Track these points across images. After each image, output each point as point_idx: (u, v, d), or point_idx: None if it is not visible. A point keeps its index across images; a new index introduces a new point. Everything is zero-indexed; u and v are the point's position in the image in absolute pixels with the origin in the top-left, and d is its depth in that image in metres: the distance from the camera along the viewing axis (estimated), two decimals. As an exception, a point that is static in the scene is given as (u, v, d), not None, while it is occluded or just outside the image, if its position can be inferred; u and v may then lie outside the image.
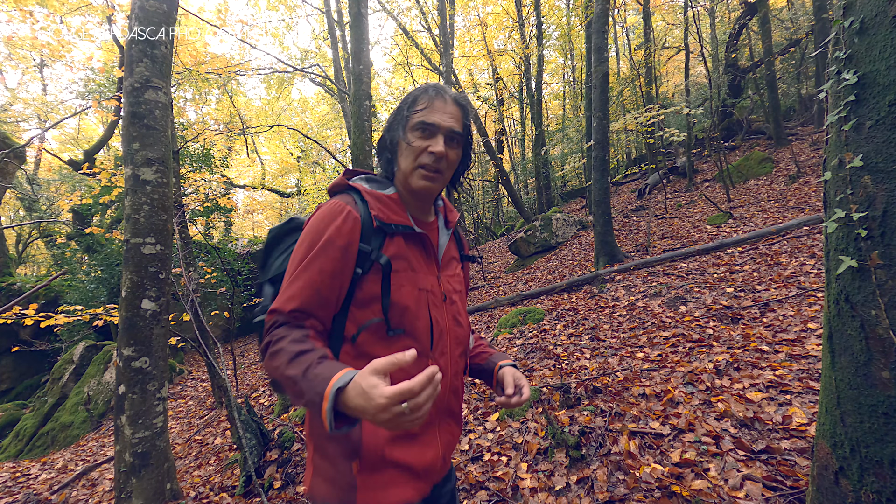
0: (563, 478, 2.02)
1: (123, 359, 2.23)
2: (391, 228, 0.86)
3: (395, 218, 0.87)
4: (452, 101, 0.89)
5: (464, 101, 0.91)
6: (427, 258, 0.92)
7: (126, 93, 2.35)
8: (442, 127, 0.86)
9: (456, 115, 0.89)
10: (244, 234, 21.28)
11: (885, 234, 0.96)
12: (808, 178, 6.92)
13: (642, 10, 11.98)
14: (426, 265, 0.91)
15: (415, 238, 0.91)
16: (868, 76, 0.99)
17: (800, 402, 2.03)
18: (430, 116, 0.86)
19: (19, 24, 8.24)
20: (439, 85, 0.91)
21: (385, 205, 0.88)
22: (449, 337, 0.91)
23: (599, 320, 3.99)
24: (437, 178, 0.88)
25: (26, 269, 15.23)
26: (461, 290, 1.00)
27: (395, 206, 0.89)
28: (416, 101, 0.89)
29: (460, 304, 0.97)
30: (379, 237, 0.86)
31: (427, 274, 0.90)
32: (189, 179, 7.80)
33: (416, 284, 0.87)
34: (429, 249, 0.92)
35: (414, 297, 0.86)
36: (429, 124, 0.86)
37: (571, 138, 15.15)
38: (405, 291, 0.84)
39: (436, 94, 0.88)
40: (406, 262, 0.87)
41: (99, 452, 4.71)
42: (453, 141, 0.89)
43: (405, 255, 0.87)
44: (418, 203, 0.94)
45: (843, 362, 1.08)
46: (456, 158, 0.91)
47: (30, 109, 13.32)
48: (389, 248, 0.86)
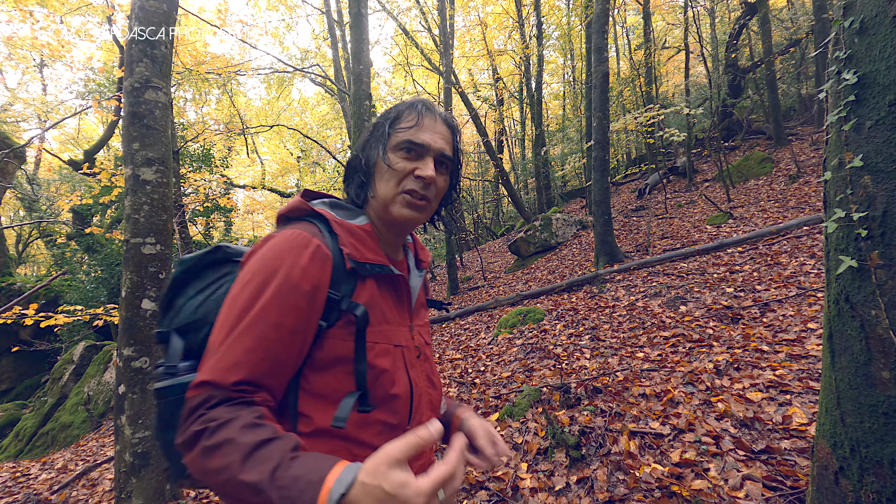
0: (563, 478, 2.02)
1: (123, 359, 2.23)
2: (365, 269, 0.69)
3: (370, 256, 0.70)
4: (443, 120, 0.78)
5: (453, 122, 0.80)
6: (399, 306, 0.76)
7: (126, 93, 2.35)
8: (432, 148, 0.74)
9: (447, 137, 0.77)
10: (244, 234, 21.29)
11: (885, 234, 0.96)
12: (808, 178, 6.92)
13: (642, 10, 11.98)
14: (399, 314, 0.75)
15: (388, 282, 0.74)
16: (868, 76, 0.99)
17: (800, 402, 2.03)
18: (419, 135, 0.73)
19: (19, 24, 8.23)
20: (428, 101, 0.79)
21: (359, 239, 0.71)
22: (425, 403, 0.75)
23: (599, 320, 3.99)
24: (423, 206, 0.74)
25: (26, 269, 15.23)
26: (430, 342, 0.84)
27: (370, 240, 0.73)
28: (400, 116, 0.76)
29: (433, 360, 0.81)
30: (351, 281, 0.68)
31: (400, 325, 0.74)
32: (189, 179, 7.81)
33: (391, 340, 0.70)
34: (402, 295, 0.77)
35: (391, 357, 0.69)
36: (417, 144, 0.73)
37: (571, 138, 15.16)
38: (380, 350, 0.67)
39: (425, 111, 0.76)
40: (380, 313, 0.70)
41: (99, 452, 4.71)
42: (443, 166, 0.77)
43: (378, 303, 0.70)
44: (393, 237, 0.79)
45: (843, 362, 1.08)
46: (444, 186, 0.78)
47: (30, 109, 13.32)
48: (362, 295, 0.68)
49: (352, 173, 0.79)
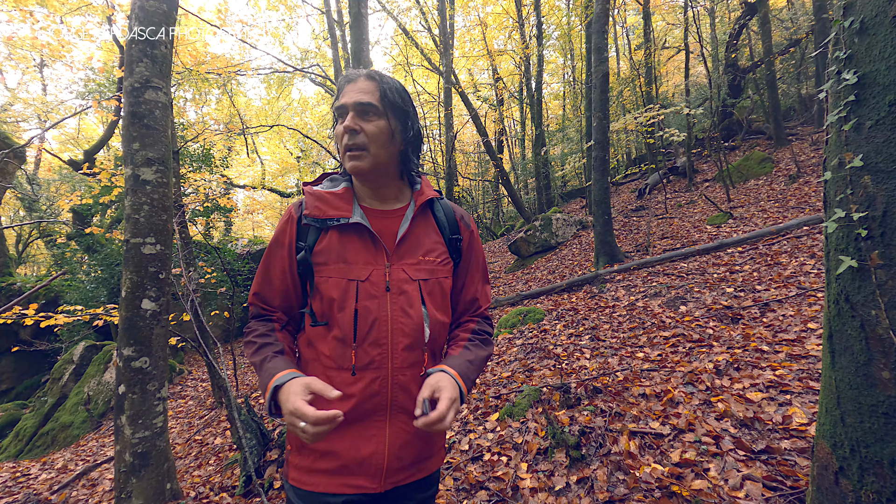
0: (563, 478, 2.02)
1: (123, 359, 2.23)
2: (323, 223, 0.90)
3: (332, 212, 0.90)
4: (364, 77, 0.89)
5: (373, 73, 0.90)
6: (370, 248, 0.90)
7: (126, 93, 2.35)
8: (349, 104, 0.86)
9: (366, 89, 0.87)
10: (244, 234, 21.29)
11: (885, 234, 0.96)
12: (808, 178, 6.92)
13: (642, 10, 11.97)
14: (368, 255, 0.89)
15: (353, 229, 0.90)
16: (868, 76, 0.99)
17: (800, 402, 2.03)
18: (339, 101, 0.88)
19: (19, 24, 8.24)
20: (351, 71, 0.92)
21: (323, 201, 0.91)
22: (389, 328, 0.87)
23: (599, 320, 3.99)
24: (360, 155, 0.87)
25: (26, 269, 15.23)
26: (428, 277, 0.93)
27: (337, 200, 0.92)
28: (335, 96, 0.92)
29: (414, 294, 0.90)
30: (314, 234, 0.91)
31: (367, 264, 0.89)
32: (189, 179, 7.79)
33: (346, 276, 0.87)
34: (373, 239, 0.90)
35: (341, 288, 0.87)
36: (339, 108, 0.88)
37: (571, 138, 15.15)
38: (332, 283, 0.87)
39: (345, 81, 0.90)
40: (337, 255, 0.88)
41: (99, 452, 4.71)
42: (368, 113, 0.87)
43: (337, 247, 0.89)
44: (369, 189, 0.94)
45: (843, 362, 1.08)
46: (377, 130, 0.87)
47: (30, 109, 13.31)
48: (321, 243, 0.90)
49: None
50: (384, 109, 0.88)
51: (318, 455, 0.87)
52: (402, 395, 0.88)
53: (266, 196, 21.49)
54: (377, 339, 0.86)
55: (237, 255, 10.04)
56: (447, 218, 1.00)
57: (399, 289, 0.89)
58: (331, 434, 0.83)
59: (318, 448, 0.87)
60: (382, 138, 0.88)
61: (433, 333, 0.92)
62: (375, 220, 0.93)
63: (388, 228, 0.93)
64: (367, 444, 0.86)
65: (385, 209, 0.95)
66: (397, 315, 0.88)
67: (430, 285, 0.93)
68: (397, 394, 0.87)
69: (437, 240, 0.97)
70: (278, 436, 3.05)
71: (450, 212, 1.02)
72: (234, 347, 7.59)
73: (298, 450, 0.90)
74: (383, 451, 0.86)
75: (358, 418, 0.86)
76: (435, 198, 0.99)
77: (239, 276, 9.01)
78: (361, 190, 0.95)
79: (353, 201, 0.94)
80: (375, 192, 0.95)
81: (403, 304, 0.89)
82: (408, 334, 0.88)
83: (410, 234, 0.94)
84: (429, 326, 0.91)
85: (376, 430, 0.87)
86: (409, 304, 0.89)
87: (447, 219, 1.00)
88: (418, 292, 0.91)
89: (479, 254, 1.05)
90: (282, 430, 3.11)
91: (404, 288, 0.90)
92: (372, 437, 0.86)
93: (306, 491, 0.87)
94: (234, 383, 5.75)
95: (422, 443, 0.91)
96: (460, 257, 1.01)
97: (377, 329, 0.86)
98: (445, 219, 1.00)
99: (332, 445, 0.86)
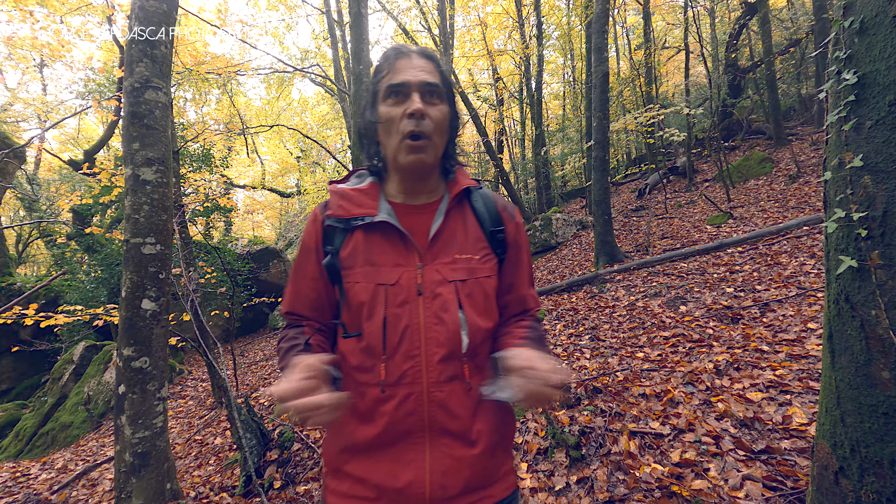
0: (563, 478, 2.02)
1: (123, 359, 2.23)
2: (348, 224, 0.81)
3: (356, 211, 0.81)
4: (418, 54, 0.80)
5: (429, 52, 0.82)
6: (399, 248, 0.80)
7: (126, 93, 2.35)
8: (413, 83, 0.76)
9: (426, 67, 0.78)
10: (244, 234, 21.28)
11: (885, 234, 0.96)
12: (808, 178, 6.92)
13: (642, 10, 11.98)
14: (397, 256, 0.80)
15: (379, 228, 0.81)
16: (868, 76, 0.99)
17: (800, 402, 2.03)
18: (396, 77, 0.77)
19: (19, 24, 8.24)
20: (400, 45, 0.81)
21: (347, 199, 0.83)
22: (422, 338, 0.76)
23: (599, 320, 3.99)
24: (424, 146, 0.76)
25: (26, 269, 15.23)
26: (466, 278, 0.81)
27: (362, 197, 0.83)
28: (379, 70, 0.80)
29: (449, 297, 0.78)
30: (340, 235, 0.82)
31: (396, 266, 0.79)
32: (189, 179, 7.80)
33: (373, 280, 0.78)
34: (402, 238, 0.80)
35: (368, 294, 0.77)
36: (397, 85, 0.76)
37: (571, 138, 15.14)
38: (359, 289, 0.78)
39: (396, 55, 0.79)
40: (364, 257, 0.79)
41: (99, 452, 4.71)
42: (433, 95, 0.77)
43: (363, 249, 0.80)
44: (413, 183, 0.83)
45: (843, 362, 1.08)
46: (441, 116, 0.78)
47: (30, 109, 13.32)
48: (348, 246, 0.81)
49: (361, 142, 0.87)
50: (443, 93, 0.79)
51: (353, 480, 0.78)
52: (441, 413, 0.76)
53: (266, 196, 21.49)
54: (409, 351, 0.76)
55: (237, 255, 10.04)
56: (487, 209, 0.88)
57: (432, 292, 0.78)
58: (365, 460, 0.77)
59: (354, 473, 0.78)
60: (444, 126, 0.80)
61: (472, 342, 0.79)
62: (405, 216, 0.82)
63: (419, 225, 0.82)
64: (404, 470, 0.75)
65: (416, 204, 0.85)
66: (431, 322, 0.77)
67: (469, 286, 0.81)
68: (435, 412, 0.76)
69: (477, 234, 0.85)
70: (278, 436, 3.05)
71: (490, 202, 0.89)
72: (233, 347, 7.58)
73: (334, 473, 0.81)
74: (423, 478, 0.74)
75: (393, 441, 0.76)
76: (472, 187, 0.88)
77: (239, 276, 9.01)
78: (394, 185, 0.85)
79: (380, 197, 0.84)
80: (413, 186, 0.84)
81: (437, 310, 0.78)
82: (443, 344, 0.77)
83: (445, 229, 0.83)
84: (467, 335, 0.79)
85: (414, 454, 0.76)
86: (444, 308, 0.78)
87: (487, 210, 0.88)
88: (454, 295, 0.79)
89: (526, 249, 0.92)
90: (282, 430, 3.11)
91: (438, 291, 0.79)
92: (410, 462, 0.75)
93: None
94: (234, 383, 5.75)
95: (472, 469, 0.77)
96: (505, 252, 0.87)
97: (409, 339, 0.76)
98: (486, 210, 0.87)
99: (367, 472, 0.77)
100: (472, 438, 0.77)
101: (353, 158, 5.55)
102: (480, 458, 0.78)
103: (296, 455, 2.87)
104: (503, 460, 0.83)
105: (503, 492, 0.81)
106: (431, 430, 0.76)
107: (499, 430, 0.82)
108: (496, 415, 0.82)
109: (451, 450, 0.76)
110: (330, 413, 0.65)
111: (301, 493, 2.47)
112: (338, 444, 0.81)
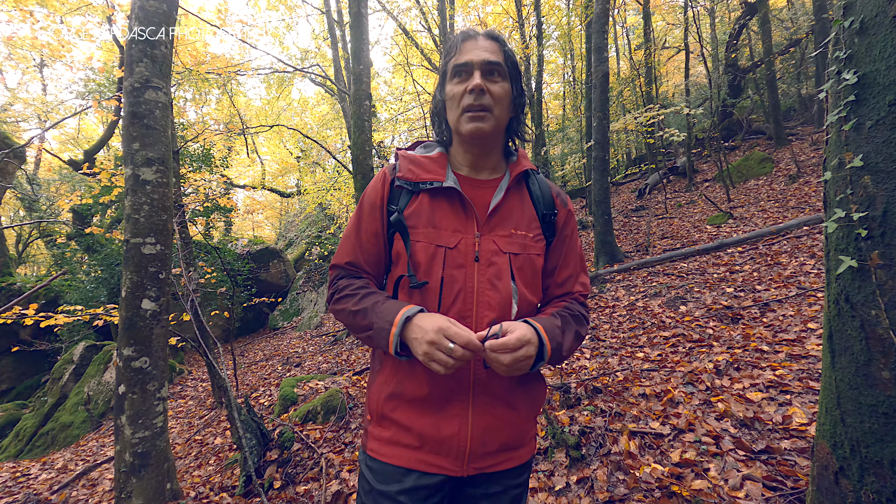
0: (563, 478, 2.02)
1: (123, 359, 2.23)
2: (416, 186, 0.87)
3: (425, 176, 0.87)
4: (484, 37, 0.86)
5: (495, 33, 0.87)
6: (460, 215, 0.87)
7: (126, 93, 2.35)
8: (475, 62, 0.82)
9: (490, 48, 0.84)
10: (244, 234, 21.28)
11: (885, 234, 0.96)
12: (808, 178, 6.92)
13: (642, 10, 11.98)
14: (457, 222, 0.86)
15: (444, 194, 0.87)
16: (868, 76, 0.99)
17: (800, 402, 2.03)
18: (461, 58, 0.84)
19: (19, 24, 8.24)
20: (467, 28, 0.89)
21: (417, 164, 0.89)
22: (475, 301, 0.83)
23: (599, 320, 3.99)
24: (484, 116, 0.82)
25: (26, 269, 15.23)
26: (520, 252, 0.87)
27: (432, 164, 0.89)
28: (449, 52, 0.87)
29: (504, 267, 0.85)
30: (406, 196, 0.88)
31: (455, 231, 0.85)
32: (189, 179, 7.80)
33: (434, 241, 0.84)
34: (464, 206, 0.87)
35: (428, 254, 0.84)
36: (461, 65, 0.83)
37: (571, 138, 15.14)
38: (419, 248, 0.84)
39: (463, 38, 0.86)
40: (427, 219, 0.86)
41: (99, 452, 4.71)
42: (493, 74, 0.83)
43: (427, 212, 0.86)
44: (475, 156, 0.90)
45: (843, 362, 1.08)
46: (503, 93, 0.84)
47: (30, 109, 13.32)
48: (412, 206, 0.87)
49: (434, 119, 0.95)
50: (506, 71, 0.85)
51: (399, 427, 0.84)
52: (486, 374, 0.83)
53: (266, 196, 21.49)
54: (462, 312, 0.82)
55: (237, 255, 10.04)
56: (543, 193, 0.95)
57: (488, 260, 0.85)
58: (412, 409, 0.83)
59: (400, 420, 0.84)
60: (506, 101, 0.86)
61: (521, 311, 0.87)
62: (468, 188, 0.89)
63: (480, 198, 0.89)
64: (448, 423, 0.82)
65: (479, 178, 0.91)
66: (484, 287, 0.84)
67: (521, 260, 0.87)
68: (481, 373, 0.83)
69: (531, 214, 0.92)
70: (278, 436, 3.05)
71: (546, 187, 0.96)
72: (233, 347, 7.58)
73: (379, 420, 0.87)
74: (466, 432, 0.82)
75: (440, 395, 0.82)
76: (531, 170, 0.95)
77: (239, 276, 9.01)
78: (459, 157, 0.92)
79: (448, 167, 0.90)
80: (477, 159, 0.90)
81: (492, 277, 0.84)
82: (494, 308, 0.83)
83: (504, 205, 0.89)
84: (517, 303, 0.86)
85: (459, 409, 0.82)
86: (498, 276, 0.85)
87: (543, 194, 0.95)
88: (508, 266, 0.86)
89: (575, 236, 0.98)
90: (282, 430, 3.11)
91: (494, 260, 0.85)
92: (454, 416, 0.82)
93: (383, 462, 0.84)
94: (234, 383, 5.75)
95: (510, 429, 0.86)
96: (554, 235, 0.94)
97: (462, 300, 0.83)
98: (541, 194, 0.95)
99: (412, 420, 0.83)
100: (512, 401, 0.86)
101: (352, 158, 5.54)
102: (518, 420, 0.87)
103: (296, 455, 2.87)
104: (532, 426, 0.92)
105: (527, 454, 0.91)
106: (476, 389, 0.83)
107: (533, 396, 0.91)
108: (532, 383, 0.91)
109: (494, 409, 0.84)
110: (471, 357, 0.74)
111: (301, 493, 2.47)
112: (385, 391, 0.87)
